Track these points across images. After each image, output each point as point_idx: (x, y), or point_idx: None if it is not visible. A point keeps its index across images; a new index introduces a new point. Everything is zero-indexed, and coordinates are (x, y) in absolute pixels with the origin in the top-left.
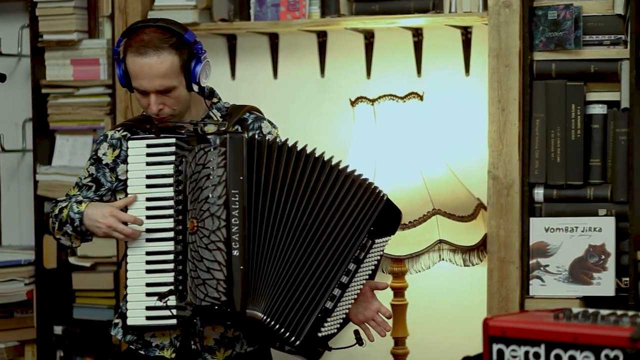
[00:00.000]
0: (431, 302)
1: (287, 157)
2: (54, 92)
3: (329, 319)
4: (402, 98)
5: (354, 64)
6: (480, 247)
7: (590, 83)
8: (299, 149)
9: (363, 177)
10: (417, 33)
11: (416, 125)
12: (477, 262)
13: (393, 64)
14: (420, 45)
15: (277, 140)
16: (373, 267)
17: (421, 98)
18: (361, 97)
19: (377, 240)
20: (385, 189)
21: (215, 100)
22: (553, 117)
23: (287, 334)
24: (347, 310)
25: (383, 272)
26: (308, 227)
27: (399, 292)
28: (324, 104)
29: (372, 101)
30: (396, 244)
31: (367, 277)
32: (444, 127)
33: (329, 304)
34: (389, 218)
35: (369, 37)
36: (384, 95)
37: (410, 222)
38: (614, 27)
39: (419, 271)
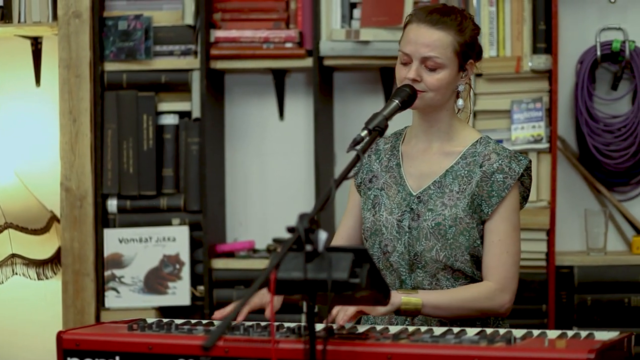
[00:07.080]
0: (5, 318)
1: None
2: None
3: None
4: None
5: None
6: (55, 260)
7: (162, 93)
8: None
9: None
10: None
11: None
12: (52, 276)
13: None
14: None
15: None
16: None
17: None
18: None
19: None
20: None
21: None
22: (125, 127)
23: None
24: None
25: None
26: None
27: None
28: None
29: None
30: None
31: None
32: (14, 138)
33: None
34: None
35: None
36: None
37: None
38: (184, 37)
39: None
